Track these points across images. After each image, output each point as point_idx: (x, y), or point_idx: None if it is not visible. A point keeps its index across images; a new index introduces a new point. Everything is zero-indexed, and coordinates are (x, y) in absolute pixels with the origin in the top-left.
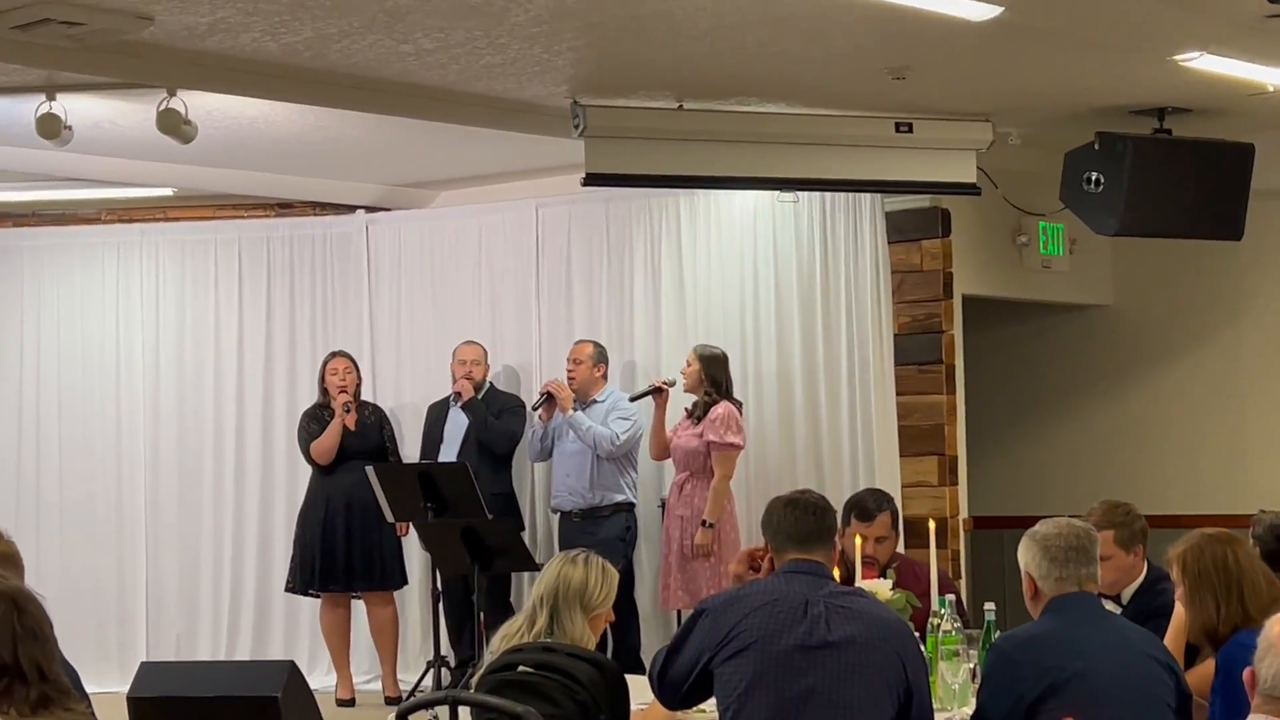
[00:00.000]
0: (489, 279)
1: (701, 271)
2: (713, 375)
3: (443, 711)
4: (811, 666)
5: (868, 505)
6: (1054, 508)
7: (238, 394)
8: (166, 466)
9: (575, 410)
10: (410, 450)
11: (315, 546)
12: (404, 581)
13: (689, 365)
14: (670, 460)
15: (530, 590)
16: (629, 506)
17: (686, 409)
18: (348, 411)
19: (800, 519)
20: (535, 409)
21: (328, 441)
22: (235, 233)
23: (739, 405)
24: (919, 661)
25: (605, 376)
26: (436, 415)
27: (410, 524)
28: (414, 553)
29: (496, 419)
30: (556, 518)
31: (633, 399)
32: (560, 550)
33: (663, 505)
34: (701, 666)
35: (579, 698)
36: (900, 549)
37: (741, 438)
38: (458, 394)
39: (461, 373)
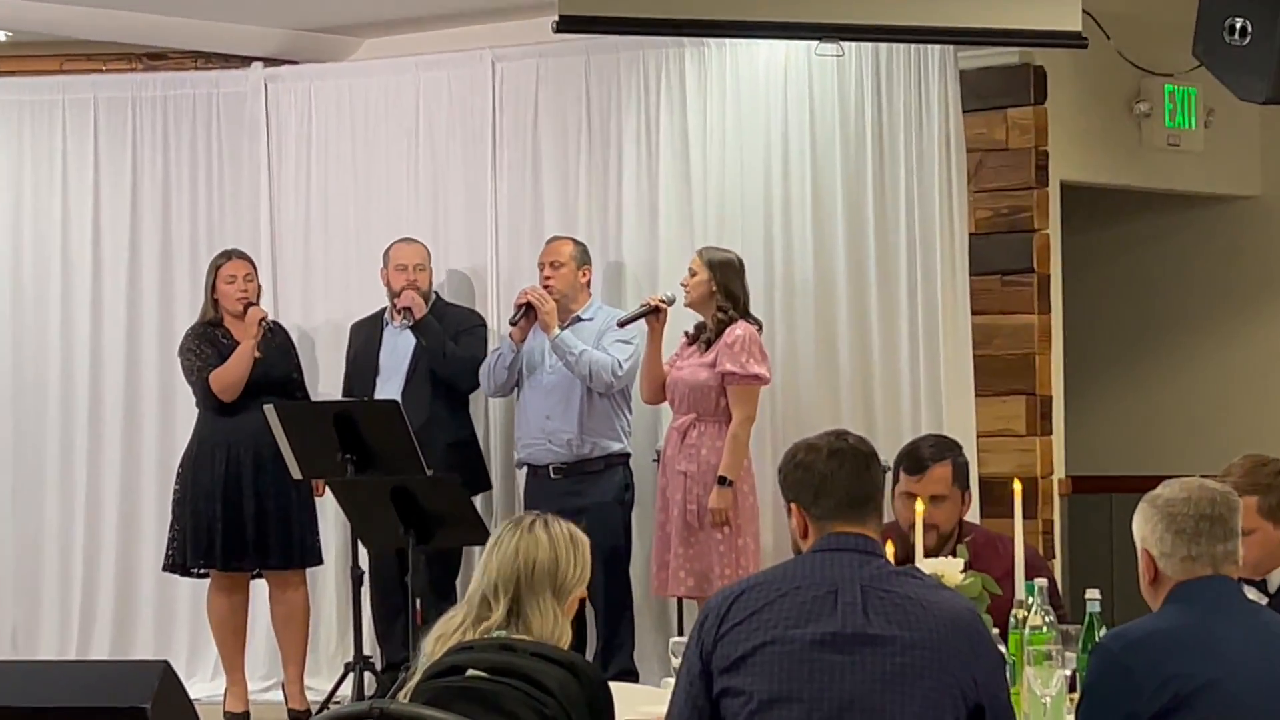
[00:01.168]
0: (430, 157)
1: (713, 149)
2: (727, 286)
3: None
4: (845, 669)
5: (920, 453)
6: (1179, 465)
7: (93, 307)
8: None
9: (560, 330)
10: (328, 385)
11: (211, 510)
12: (319, 558)
13: (693, 274)
14: (667, 402)
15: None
16: (625, 458)
17: (687, 333)
18: (269, 332)
19: (849, 474)
20: (513, 323)
21: (236, 372)
22: (90, 91)
23: (759, 326)
24: (995, 667)
25: (589, 287)
26: (366, 339)
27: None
28: (330, 521)
29: (454, 341)
30: (523, 475)
31: (622, 322)
32: None
33: (658, 459)
34: (700, 688)
35: (546, 712)
36: (974, 518)
37: (767, 368)
38: (406, 310)
39: (402, 281)
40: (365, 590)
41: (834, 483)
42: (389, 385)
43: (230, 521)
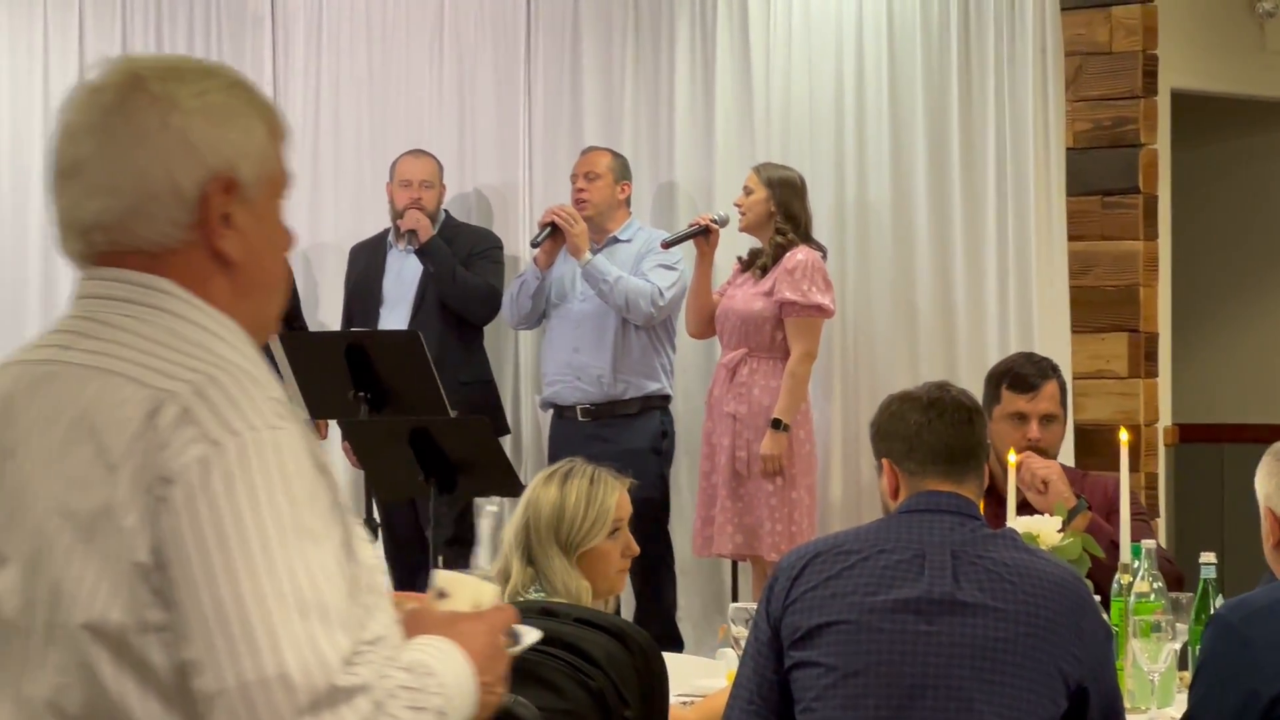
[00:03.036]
0: (455, 60)
1: (777, 51)
2: (787, 207)
3: None
4: (926, 640)
5: (1026, 368)
6: None
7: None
8: None
9: (592, 254)
10: (329, 314)
11: None
12: None
13: (749, 193)
14: (716, 335)
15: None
16: (665, 400)
17: (740, 258)
18: None
19: (947, 427)
20: (534, 245)
21: None
22: None
23: (823, 253)
24: (1102, 642)
25: (629, 204)
26: (367, 264)
27: (330, 423)
28: (337, 467)
29: (466, 267)
30: (549, 416)
31: (667, 244)
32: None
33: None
34: (769, 657)
35: (592, 684)
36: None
37: (831, 298)
38: (410, 232)
39: (406, 199)
40: (380, 543)
41: (930, 436)
42: (393, 316)
43: None
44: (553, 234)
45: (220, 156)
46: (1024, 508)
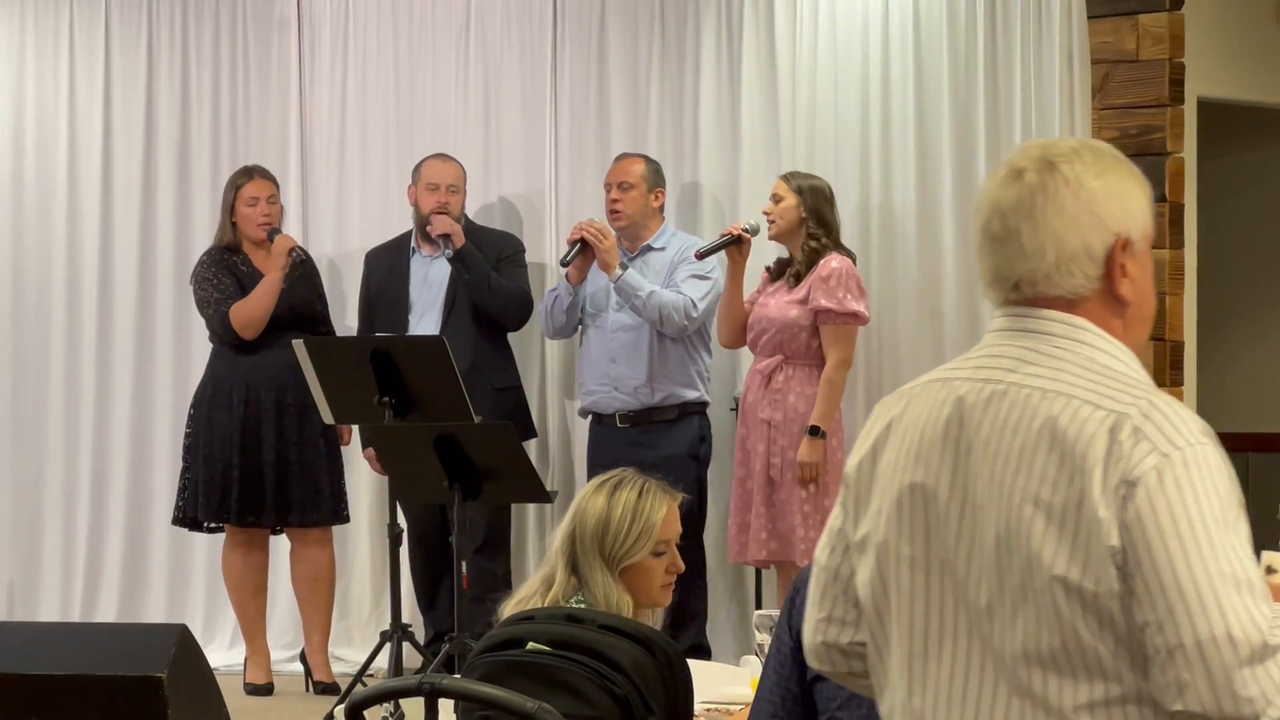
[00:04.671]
0: (481, 65)
1: (804, 56)
2: (819, 213)
3: (413, 705)
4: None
5: None
6: None
7: (101, 226)
8: None
9: (623, 267)
10: (355, 319)
11: (228, 459)
12: (345, 515)
13: (778, 200)
14: (747, 344)
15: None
16: (702, 407)
17: (768, 268)
18: (299, 263)
19: None
20: (565, 263)
21: (261, 306)
22: None
23: (853, 259)
24: None
25: (662, 211)
26: (389, 269)
27: (354, 429)
28: (361, 472)
29: (496, 272)
30: (586, 424)
31: (700, 255)
32: (595, 472)
33: (736, 407)
34: (791, 669)
35: (617, 691)
36: None
37: (866, 304)
38: (444, 237)
39: (432, 203)
40: (405, 552)
41: None
42: (424, 322)
43: (247, 471)
44: (582, 250)
45: (1118, 221)
46: None
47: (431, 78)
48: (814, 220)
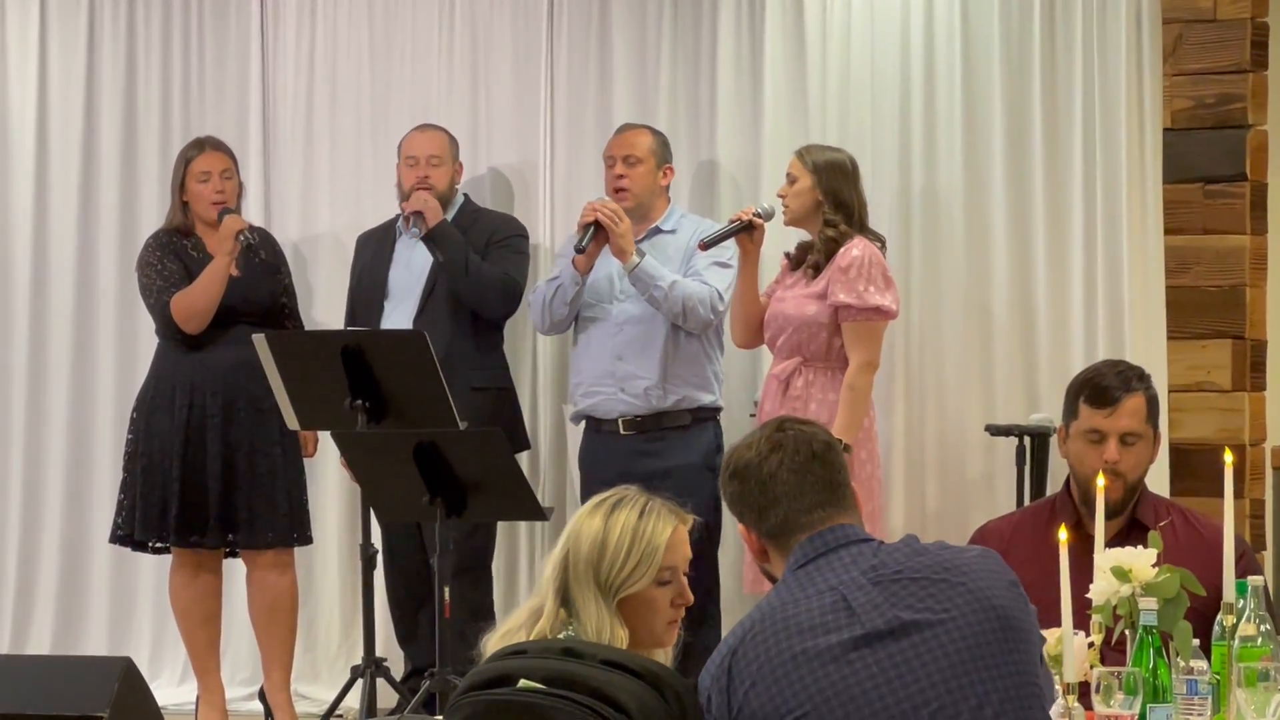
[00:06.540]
0: (467, 27)
1: (835, 18)
2: (836, 194)
3: None
4: (899, 667)
5: (1107, 380)
6: None
7: (36, 208)
8: None
9: (640, 254)
10: (329, 313)
11: (168, 470)
12: (307, 536)
13: (792, 181)
14: (765, 344)
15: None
16: (716, 413)
17: (788, 254)
18: (247, 247)
19: (800, 468)
20: (580, 250)
21: (205, 296)
22: None
23: (881, 244)
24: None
25: (668, 190)
26: (374, 254)
27: (321, 436)
28: (330, 485)
29: (482, 257)
30: (580, 429)
31: (704, 245)
32: (592, 487)
33: (755, 414)
34: None
35: None
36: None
37: (893, 296)
38: (417, 215)
39: (414, 179)
40: (381, 575)
41: (782, 484)
42: (398, 312)
43: (189, 484)
44: (596, 234)
45: None
46: (1116, 539)
47: (411, 37)
48: (831, 203)
